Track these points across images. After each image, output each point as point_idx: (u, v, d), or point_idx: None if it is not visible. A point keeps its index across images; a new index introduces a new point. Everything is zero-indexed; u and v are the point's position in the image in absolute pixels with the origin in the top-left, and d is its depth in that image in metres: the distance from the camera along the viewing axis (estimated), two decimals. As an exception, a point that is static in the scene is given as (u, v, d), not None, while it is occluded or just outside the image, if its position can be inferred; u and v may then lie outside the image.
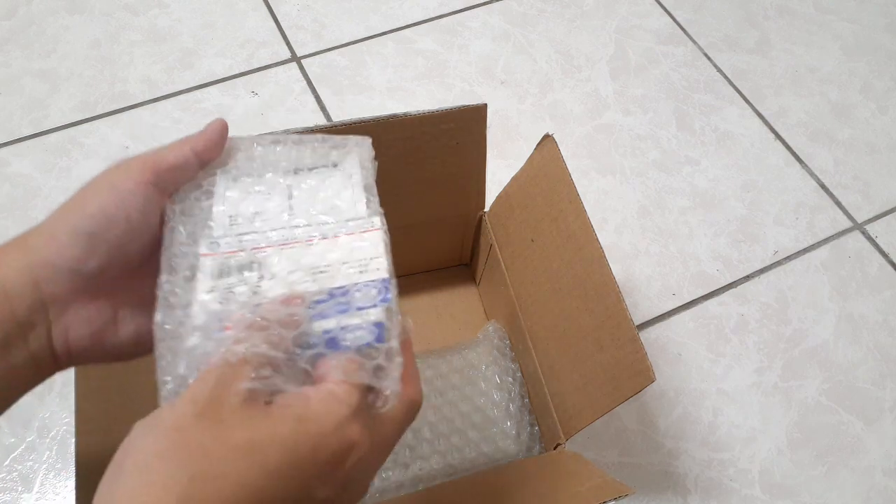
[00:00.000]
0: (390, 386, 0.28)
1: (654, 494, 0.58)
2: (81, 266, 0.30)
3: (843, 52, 0.90)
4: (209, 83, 0.80)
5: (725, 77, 0.86)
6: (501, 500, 0.47)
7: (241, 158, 0.34)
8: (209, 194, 0.33)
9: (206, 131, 0.33)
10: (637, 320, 0.67)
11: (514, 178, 0.55)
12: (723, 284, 0.70)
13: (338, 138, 0.36)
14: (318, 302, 0.29)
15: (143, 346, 0.32)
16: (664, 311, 0.68)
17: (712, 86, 0.85)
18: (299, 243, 0.31)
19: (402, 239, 0.59)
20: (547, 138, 0.50)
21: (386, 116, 0.49)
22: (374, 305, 0.29)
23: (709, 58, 0.88)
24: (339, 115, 0.78)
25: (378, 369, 0.28)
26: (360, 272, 0.30)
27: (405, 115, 0.49)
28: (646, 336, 0.66)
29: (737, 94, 0.85)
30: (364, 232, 0.32)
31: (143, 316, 0.32)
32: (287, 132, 0.46)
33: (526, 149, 0.53)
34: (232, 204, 0.32)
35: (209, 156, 0.33)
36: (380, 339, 0.28)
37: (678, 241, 0.73)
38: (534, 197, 0.52)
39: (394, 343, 0.29)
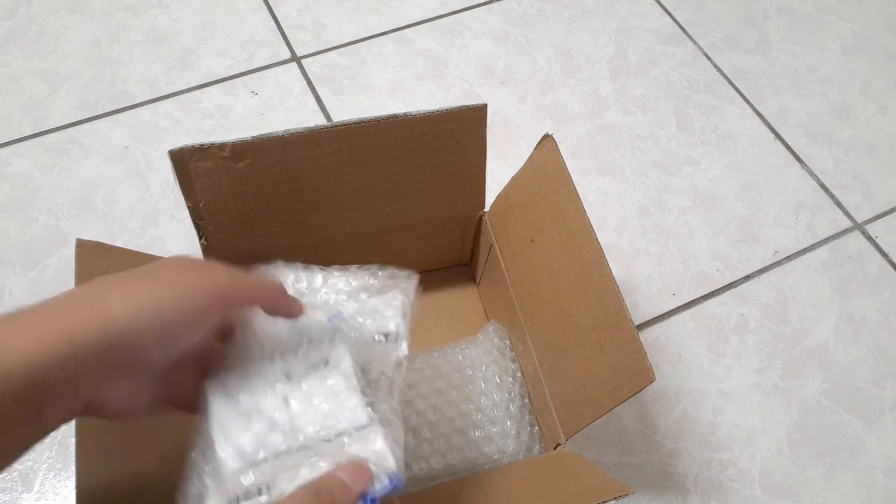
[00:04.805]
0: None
1: (654, 494, 0.58)
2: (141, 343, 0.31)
3: (843, 52, 0.90)
4: (209, 83, 0.80)
5: (725, 77, 0.86)
6: (501, 500, 0.47)
7: (236, 371, 0.35)
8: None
9: (292, 310, 0.36)
10: (637, 320, 0.67)
11: (514, 178, 0.55)
12: (723, 284, 0.70)
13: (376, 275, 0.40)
14: None
15: (137, 411, 0.35)
16: (664, 311, 0.68)
17: (712, 86, 0.85)
18: (304, 468, 0.32)
19: (402, 239, 0.60)
20: (547, 138, 0.50)
21: (386, 116, 0.49)
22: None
23: (709, 58, 0.88)
24: (339, 115, 0.78)
25: None
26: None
27: (405, 115, 0.49)
28: (646, 336, 0.66)
29: (737, 94, 0.85)
30: (367, 442, 0.33)
31: (157, 387, 0.35)
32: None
33: (526, 149, 0.53)
34: (233, 432, 0.33)
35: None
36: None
37: (678, 241, 0.73)
38: (534, 197, 0.52)
39: None
